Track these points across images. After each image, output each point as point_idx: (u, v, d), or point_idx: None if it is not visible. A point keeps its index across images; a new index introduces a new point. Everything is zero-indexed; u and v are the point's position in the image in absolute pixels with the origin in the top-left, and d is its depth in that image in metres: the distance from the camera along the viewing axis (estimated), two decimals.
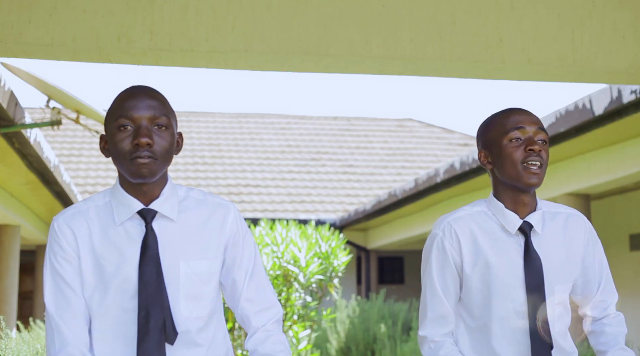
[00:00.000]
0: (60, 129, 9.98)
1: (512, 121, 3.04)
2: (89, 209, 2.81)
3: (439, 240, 3.08)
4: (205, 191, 2.94)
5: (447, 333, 3.09)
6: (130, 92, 2.77)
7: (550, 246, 3.07)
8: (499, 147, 3.04)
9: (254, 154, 21.29)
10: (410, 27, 5.09)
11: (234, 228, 2.87)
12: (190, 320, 2.76)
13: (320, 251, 9.46)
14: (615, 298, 3.23)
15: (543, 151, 3.01)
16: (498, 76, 5.43)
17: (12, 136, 8.06)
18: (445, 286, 3.08)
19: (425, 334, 3.09)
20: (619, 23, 5.26)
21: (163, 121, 2.73)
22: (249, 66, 5.17)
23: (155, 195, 2.79)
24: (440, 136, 23.79)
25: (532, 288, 2.99)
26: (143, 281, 2.69)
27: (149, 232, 2.75)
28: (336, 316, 12.92)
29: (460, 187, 11.92)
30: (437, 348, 3.07)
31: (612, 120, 7.71)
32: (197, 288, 2.77)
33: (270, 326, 2.88)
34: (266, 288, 2.93)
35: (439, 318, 3.09)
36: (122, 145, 2.70)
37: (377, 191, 19.29)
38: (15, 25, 4.74)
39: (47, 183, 10.71)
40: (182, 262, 2.76)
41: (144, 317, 2.68)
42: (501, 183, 3.08)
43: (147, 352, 2.67)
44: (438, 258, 3.08)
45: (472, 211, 3.12)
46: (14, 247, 12.37)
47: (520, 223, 3.04)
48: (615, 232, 12.36)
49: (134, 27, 4.82)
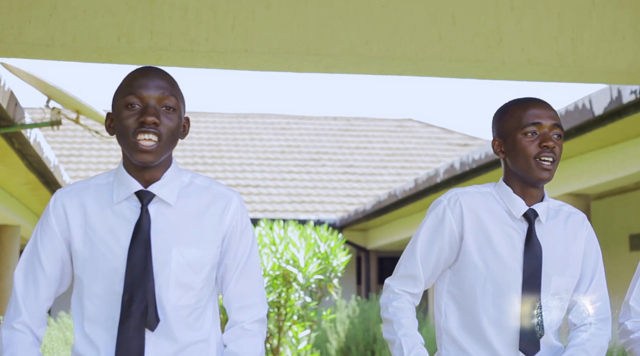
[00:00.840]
0: (60, 130, 9.98)
1: (529, 114, 3.04)
2: (89, 187, 2.80)
3: (441, 207, 3.11)
4: (212, 179, 2.90)
5: (411, 293, 3.12)
6: (141, 71, 2.76)
7: (551, 237, 3.09)
8: (513, 139, 3.04)
9: (253, 154, 21.29)
10: (410, 27, 5.09)
11: (234, 219, 2.82)
12: (177, 308, 2.72)
13: (319, 251, 9.46)
14: (605, 313, 3.13)
15: (557, 146, 3.02)
16: (498, 76, 5.43)
17: (12, 136, 8.06)
18: (426, 253, 3.10)
19: (389, 283, 3.15)
20: (619, 23, 5.26)
21: (171, 103, 2.72)
22: (248, 66, 5.17)
23: (156, 178, 2.76)
24: (440, 136, 23.78)
25: (529, 273, 3.00)
26: (131, 263, 2.67)
27: (143, 214, 2.72)
28: (336, 317, 12.92)
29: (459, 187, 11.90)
30: (393, 298, 3.12)
31: (612, 120, 7.71)
32: (187, 277, 2.72)
33: (249, 325, 2.83)
34: (255, 286, 2.87)
35: (408, 276, 3.12)
36: (128, 122, 2.68)
37: (377, 191, 19.28)
38: (15, 25, 4.74)
39: (47, 183, 10.71)
40: (175, 249, 2.72)
41: (128, 301, 2.66)
42: (512, 173, 3.10)
43: (126, 336, 2.64)
44: (433, 223, 3.11)
45: (481, 190, 3.14)
46: (14, 247, 12.38)
47: (526, 209, 3.06)
48: (615, 232, 12.35)
49: (134, 27, 4.83)
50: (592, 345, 3.06)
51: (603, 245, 3.17)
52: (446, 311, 3.11)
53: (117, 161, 19.25)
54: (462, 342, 3.06)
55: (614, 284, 3.32)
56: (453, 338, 3.08)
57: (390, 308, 3.10)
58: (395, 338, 3.05)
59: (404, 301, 3.11)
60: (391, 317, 3.09)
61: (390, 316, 3.09)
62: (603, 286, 3.19)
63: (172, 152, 2.80)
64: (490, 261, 3.03)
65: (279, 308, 9.25)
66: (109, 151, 20.03)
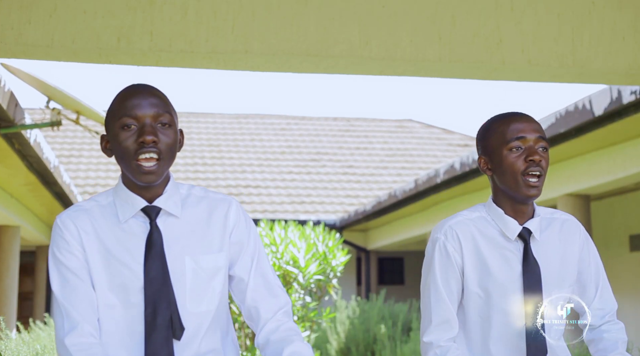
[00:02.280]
0: (60, 130, 9.99)
1: (512, 129, 3.01)
2: (92, 207, 2.82)
3: (442, 244, 3.08)
4: (205, 188, 2.94)
5: (452, 337, 3.06)
6: (131, 91, 2.77)
7: (547, 252, 3.08)
8: (499, 156, 3.02)
9: (253, 154, 21.29)
10: (410, 28, 5.09)
11: (237, 221, 2.87)
12: (197, 315, 2.75)
13: (317, 251, 9.46)
14: (614, 306, 3.21)
15: (543, 160, 3.00)
16: (498, 76, 5.43)
17: (12, 136, 8.06)
18: (449, 291, 3.06)
19: (430, 340, 3.06)
20: (619, 24, 5.26)
21: (166, 119, 2.73)
22: (248, 67, 5.16)
23: (158, 193, 2.79)
24: (440, 136, 23.78)
25: (530, 293, 3.00)
26: (149, 277, 2.70)
27: (154, 229, 2.75)
28: (336, 317, 12.92)
29: (460, 188, 11.92)
30: (443, 353, 3.04)
31: (612, 121, 7.70)
32: (203, 283, 2.77)
33: (280, 316, 2.86)
34: (272, 280, 2.91)
35: (444, 322, 3.06)
36: (127, 144, 2.70)
37: (377, 192, 19.28)
38: (15, 26, 4.74)
39: (47, 183, 10.71)
40: (188, 257, 2.76)
41: (151, 314, 2.69)
42: (501, 191, 3.08)
43: (155, 348, 2.68)
44: (441, 261, 3.07)
45: (471, 216, 3.11)
46: (14, 248, 12.37)
47: (520, 229, 3.05)
48: (615, 233, 12.35)
49: (134, 28, 4.82)
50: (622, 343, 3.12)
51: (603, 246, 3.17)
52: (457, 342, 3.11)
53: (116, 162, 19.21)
54: None
55: (615, 284, 3.32)
56: None
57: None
58: None
59: (454, 351, 3.03)
60: None
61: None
62: (607, 284, 3.22)
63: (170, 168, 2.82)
64: (490, 288, 3.03)
65: None
66: None
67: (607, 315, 3.17)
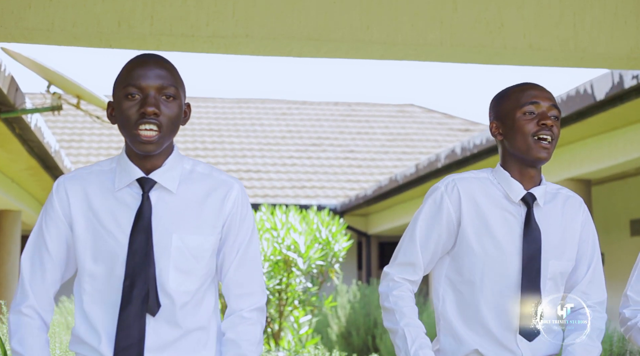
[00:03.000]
0: (60, 115, 9.98)
1: (527, 95, 3.07)
2: (91, 173, 2.83)
3: (439, 194, 3.12)
4: (212, 166, 2.91)
5: (411, 280, 3.12)
6: (140, 60, 2.77)
7: (549, 221, 3.10)
8: (512, 119, 3.06)
9: (254, 139, 21.27)
10: (411, 12, 5.08)
11: (234, 207, 2.84)
12: (178, 294, 2.74)
13: (320, 236, 9.46)
14: (602, 297, 3.19)
15: (555, 126, 3.04)
16: (499, 61, 5.42)
17: (12, 121, 8.06)
18: (425, 239, 3.11)
19: (388, 271, 3.15)
20: (621, 8, 5.24)
21: (171, 91, 2.73)
22: (249, 51, 5.15)
23: (157, 165, 2.78)
24: (441, 121, 23.76)
25: (528, 257, 3.01)
26: (132, 249, 2.70)
27: (145, 201, 2.74)
28: (337, 302, 12.94)
29: (461, 172, 11.91)
30: (393, 287, 3.11)
31: (614, 105, 7.70)
32: (188, 263, 2.75)
33: (247, 313, 2.84)
34: (254, 275, 2.88)
35: (407, 264, 3.12)
36: (129, 113, 2.70)
37: (378, 177, 19.28)
38: (15, 10, 4.73)
39: (48, 168, 10.71)
40: (175, 235, 2.74)
41: (129, 286, 2.69)
42: (510, 155, 3.11)
43: (127, 321, 2.67)
44: (431, 210, 3.13)
45: (478, 175, 3.16)
46: (15, 232, 12.39)
47: (524, 193, 3.07)
48: (616, 217, 12.36)
49: (135, 12, 4.81)
50: (592, 327, 3.09)
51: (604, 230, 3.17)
52: (444, 298, 3.12)
53: (118, 147, 19.25)
54: (458, 328, 3.07)
55: (615, 269, 3.33)
56: (450, 324, 3.10)
57: (390, 297, 3.10)
58: (398, 328, 3.05)
59: (404, 290, 3.10)
60: (392, 306, 3.09)
61: (392, 305, 3.09)
62: (600, 270, 3.21)
63: (173, 139, 2.81)
64: (488, 247, 3.04)
65: (280, 293, 9.26)
66: (110, 136, 20.03)
67: (591, 301, 3.15)
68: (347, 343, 12.80)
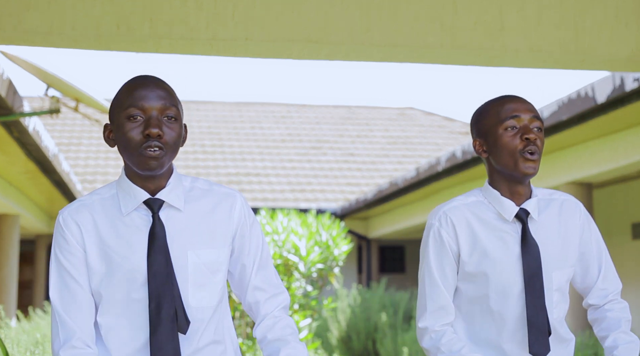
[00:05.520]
0: (59, 118, 9.97)
1: (507, 109, 3.01)
2: (94, 202, 2.79)
3: (436, 230, 3.07)
4: (210, 180, 2.92)
5: (448, 323, 3.07)
6: (139, 82, 2.74)
7: (546, 232, 3.06)
8: (495, 136, 3.01)
9: (254, 142, 21.27)
10: (411, 14, 5.06)
11: (242, 217, 2.85)
12: (199, 310, 2.75)
13: (320, 240, 9.44)
14: (619, 286, 3.20)
15: (538, 139, 2.99)
16: (500, 63, 5.41)
17: (10, 124, 8.04)
18: (444, 277, 3.06)
19: (425, 325, 3.07)
20: (622, 10, 5.23)
21: (173, 113, 2.71)
22: (249, 54, 5.14)
23: (161, 185, 2.77)
24: (441, 124, 23.76)
25: (529, 275, 2.98)
26: (152, 271, 2.68)
27: (156, 222, 2.73)
28: (337, 306, 12.91)
29: (461, 175, 11.90)
30: (438, 337, 3.04)
31: (615, 108, 7.69)
32: (205, 278, 2.76)
33: (277, 312, 2.88)
34: (273, 276, 2.93)
35: (439, 309, 3.06)
36: (132, 135, 2.67)
37: (378, 180, 19.27)
38: (14, 13, 4.71)
39: (47, 171, 10.70)
40: (190, 252, 2.74)
41: (155, 308, 2.67)
42: (497, 172, 3.06)
43: (160, 342, 2.66)
44: (435, 248, 3.07)
45: (467, 200, 3.10)
46: (14, 236, 12.38)
47: (517, 210, 3.03)
48: (617, 221, 12.34)
49: (134, 14, 4.79)
50: (625, 321, 3.12)
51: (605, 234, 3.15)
52: (454, 325, 3.10)
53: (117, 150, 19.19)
54: None
55: (617, 272, 3.29)
56: None
57: (442, 347, 3.02)
58: None
59: (449, 335, 3.04)
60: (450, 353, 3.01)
61: (447, 353, 3.01)
62: (610, 264, 3.20)
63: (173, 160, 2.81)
64: (489, 270, 3.01)
65: None
66: None
67: (611, 294, 3.16)
68: (347, 347, 12.79)
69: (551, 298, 3.03)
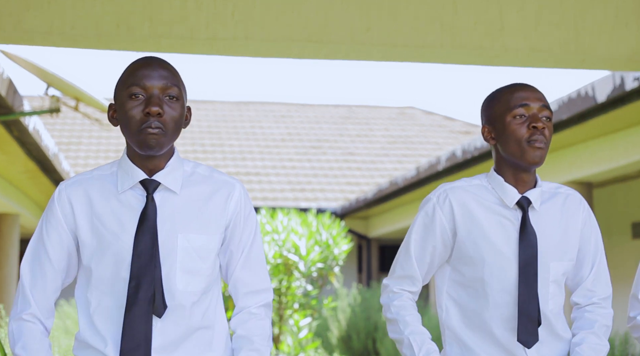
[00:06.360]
0: (59, 117, 9.97)
1: (516, 97, 3.03)
2: (93, 177, 2.82)
3: (431, 205, 3.10)
4: (212, 167, 2.92)
5: (410, 291, 3.13)
6: (143, 62, 2.77)
7: (547, 223, 3.07)
8: (503, 123, 3.02)
9: (254, 142, 21.26)
10: (411, 14, 5.06)
11: (238, 207, 2.85)
12: (185, 294, 2.74)
13: (321, 239, 9.44)
14: (608, 292, 3.17)
15: (546, 128, 3.00)
16: (500, 63, 5.41)
17: (10, 124, 8.04)
18: (420, 252, 3.10)
19: (388, 283, 3.17)
20: (622, 10, 5.23)
21: (174, 92, 2.73)
22: (249, 53, 5.14)
23: (160, 167, 2.78)
24: (441, 123, 23.75)
25: (525, 262, 2.98)
26: (137, 251, 2.70)
27: (149, 202, 2.74)
28: (337, 305, 12.91)
29: (461, 175, 11.89)
30: (393, 298, 3.13)
31: (615, 107, 7.68)
32: (194, 263, 2.76)
33: (255, 309, 2.87)
34: (260, 272, 2.91)
35: (405, 277, 3.14)
36: (132, 113, 2.70)
37: (378, 179, 19.26)
38: (14, 13, 4.71)
39: (47, 171, 10.70)
40: (181, 235, 2.75)
41: (134, 287, 2.69)
42: (503, 159, 3.07)
43: (132, 322, 2.67)
44: (424, 222, 3.12)
45: (471, 183, 3.12)
46: (14, 236, 12.37)
47: (519, 197, 3.04)
48: (617, 220, 12.33)
49: (134, 14, 4.79)
50: (599, 325, 3.08)
51: (605, 233, 3.15)
52: (447, 307, 3.11)
53: (117, 150, 19.23)
54: (464, 337, 3.06)
55: (617, 272, 3.30)
56: (455, 334, 3.08)
57: (392, 308, 3.12)
58: (403, 337, 3.05)
59: (404, 299, 3.12)
60: (395, 316, 3.10)
61: (394, 315, 3.10)
62: (604, 266, 3.18)
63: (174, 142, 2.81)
64: (486, 254, 3.01)
65: (280, 296, 9.25)
66: (109, 139, 20.01)
67: (596, 297, 3.13)
68: (347, 346, 12.79)
69: (547, 289, 3.03)
